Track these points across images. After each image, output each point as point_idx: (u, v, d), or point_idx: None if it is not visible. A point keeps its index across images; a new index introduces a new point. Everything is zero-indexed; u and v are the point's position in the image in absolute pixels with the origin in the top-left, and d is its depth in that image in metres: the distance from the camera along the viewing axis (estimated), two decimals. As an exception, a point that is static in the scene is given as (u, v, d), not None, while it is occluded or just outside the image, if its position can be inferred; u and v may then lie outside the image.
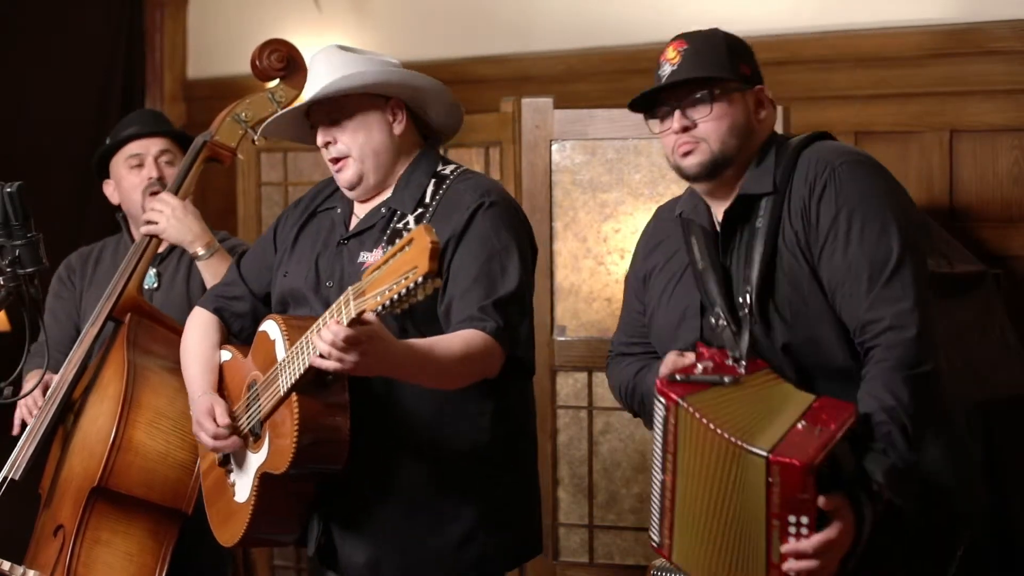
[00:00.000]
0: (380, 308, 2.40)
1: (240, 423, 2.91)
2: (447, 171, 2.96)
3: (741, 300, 2.60)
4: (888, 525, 2.50)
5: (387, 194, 2.97)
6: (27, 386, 3.38)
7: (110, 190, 3.73)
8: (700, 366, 2.58)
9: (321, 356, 2.56)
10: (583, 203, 4.07)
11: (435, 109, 3.00)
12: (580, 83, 4.63)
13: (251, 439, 2.88)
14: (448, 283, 2.81)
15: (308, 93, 2.99)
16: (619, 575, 4.08)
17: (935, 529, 2.62)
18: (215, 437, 2.90)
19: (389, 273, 2.38)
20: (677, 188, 3.98)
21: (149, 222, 3.48)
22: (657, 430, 2.57)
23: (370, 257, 2.88)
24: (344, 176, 2.95)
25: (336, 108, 2.93)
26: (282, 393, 2.73)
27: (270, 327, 2.87)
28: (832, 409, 2.49)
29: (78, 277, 3.73)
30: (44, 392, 3.45)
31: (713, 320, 2.65)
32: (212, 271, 3.42)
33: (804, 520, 2.41)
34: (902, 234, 2.55)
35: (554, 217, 4.09)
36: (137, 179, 3.63)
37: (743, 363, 2.57)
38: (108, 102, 5.50)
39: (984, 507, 2.80)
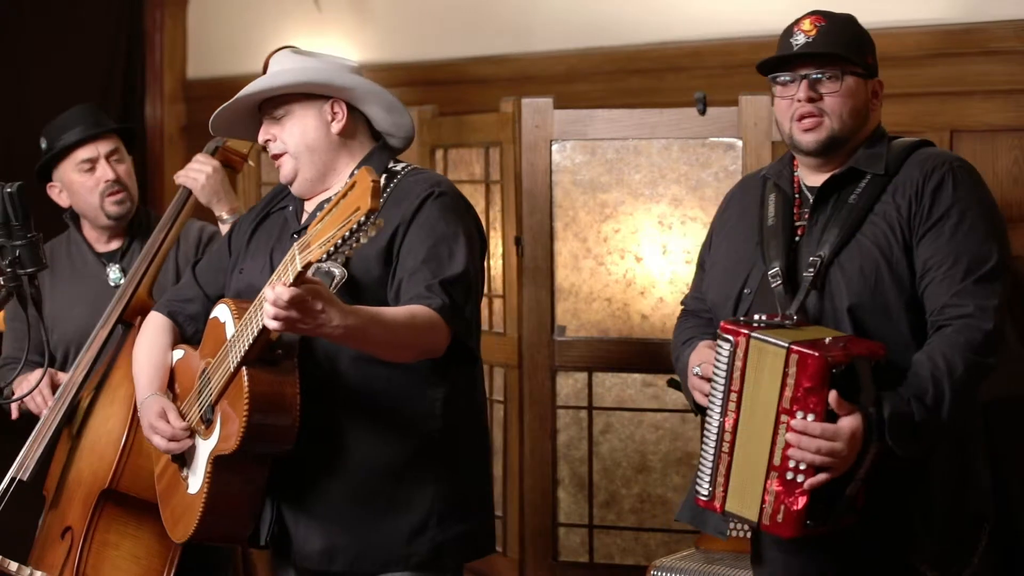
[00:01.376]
0: (326, 255, 2.45)
1: (191, 415, 2.93)
2: (398, 168, 3.03)
3: (812, 259, 2.69)
4: (894, 474, 2.57)
5: (336, 188, 3.00)
6: (27, 383, 3.38)
7: (56, 193, 3.70)
8: (757, 316, 2.66)
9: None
10: (583, 203, 4.07)
11: (372, 110, 3.04)
12: (580, 83, 4.63)
13: (202, 427, 2.89)
14: (397, 267, 2.86)
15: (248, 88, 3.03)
16: (619, 575, 4.08)
17: (960, 511, 2.69)
18: (172, 439, 2.93)
19: (333, 220, 2.44)
20: (677, 188, 3.99)
21: (188, 176, 3.54)
22: (717, 372, 2.64)
23: None
24: (281, 172, 3.02)
25: (278, 105, 2.98)
26: (232, 368, 2.75)
27: (220, 310, 2.91)
28: (864, 341, 2.59)
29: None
30: (50, 384, 3.44)
31: (770, 277, 2.74)
32: None
33: (811, 418, 2.50)
34: (1001, 250, 2.69)
35: (554, 217, 4.09)
36: (91, 181, 3.61)
37: (794, 319, 2.65)
38: (108, 102, 5.50)
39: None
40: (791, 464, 2.53)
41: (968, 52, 3.88)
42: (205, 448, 2.88)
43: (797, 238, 2.76)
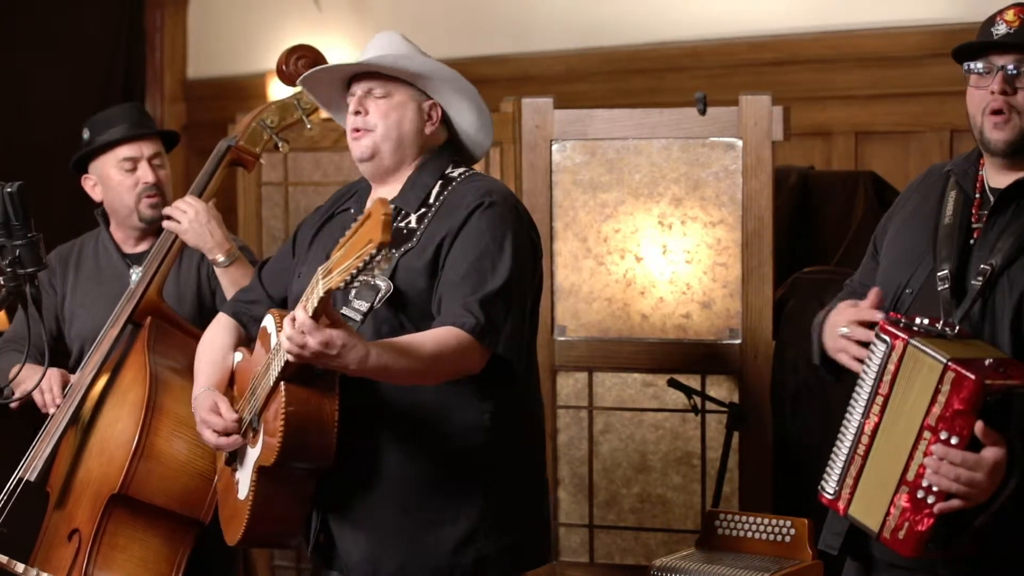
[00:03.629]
0: (343, 284, 2.45)
1: (243, 420, 2.92)
2: (455, 173, 2.98)
3: (984, 266, 2.57)
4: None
5: (395, 192, 2.98)
6: (30, 381, 3.37)
7: (90, 186, 3.68)
8: (919, 320, 2.55)
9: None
10: (583, 203, 4.07)
11: (466, 121, 3.02)
12: (580, 83, 4.64)
13: (251, 434, 2.88)
14: (440, 280, 2.83)
15: (364, 57, 2.98)
16: (619, 575, 4.07)
17: None
18: (224, 432, 2.89)
19: (350, 250, 2.44)
20: (677, 188, 3.98)
21: (170, 219, 3.47)
22: (867, 372, 2.54)
23: None
24: (360, 144, 2.95)
25: (380, 84, 2.95)
26: (271, 383, 2.74)
27: (267, 320, 2.88)
28: None
29: (59, 280, 3.68)
30: (60, 381, 3.43)
31: (938, 279, 2.62)
32: (231, 279, 3.41)
33: (954, 441, 2.40)
34: None
35: (554, 217, 4.09)
36: (130, 181, 3.58)
37: (956, 329, 2.53)
38: (109, 102, 5.48)
39: None
40: (924, 483, 2.43)
41: (968, 52, 3.87)
42: (251, 456, 2.87)
43: (972, 241, 2.64)
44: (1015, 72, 2.61)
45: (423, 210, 2.92)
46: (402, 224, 2.91)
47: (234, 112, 4.40)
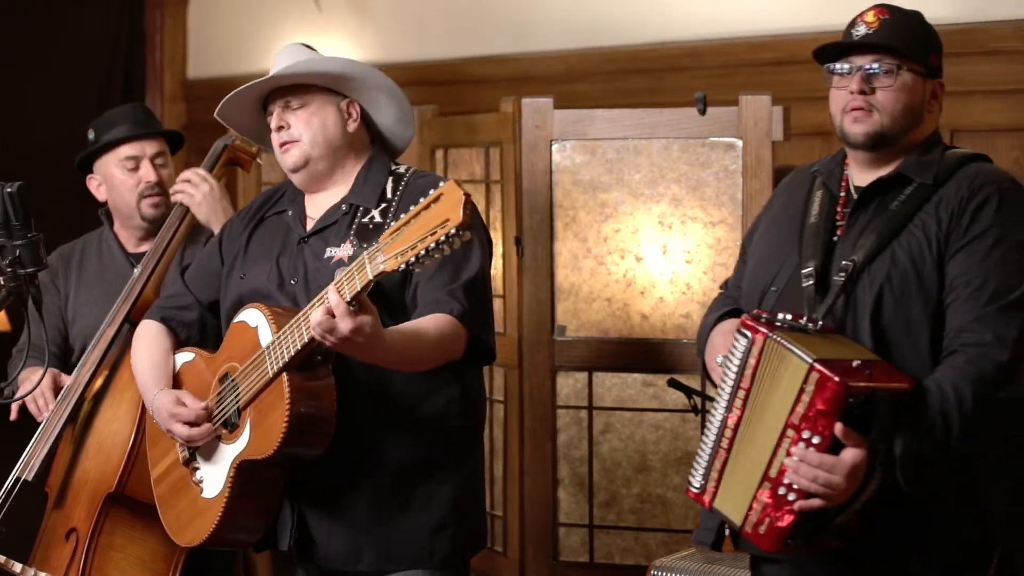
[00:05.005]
0: (404, 265, 2.46)
1: (214, 415, 2.93)
2: (402, 170, 3.06)
3: (846, 263, 2.63)
4: (893, 503, 2.51)
5: (342, 191, 3.02)
6: (29, 383, 3.37)
7: (95, 185, 3.70)
8: (781, 315, 2.59)
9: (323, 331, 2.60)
10: (583, 203, 4.07)
11: (384, 114, 3.07)
12: (580, 83, 4.63)
13: (225, 431, 2.88)
14: (415, 271, 2.87)
15: (272, 73, 3.03)
16: (619, 575, 4.08)
17: (962, 544, 2.62)
18: (195, 421, 2.90)
19: (415, 230, 2.44)
20: (677, 188, 3.98)
21: (182, 192, 3.51)
22: (729, 367, 2.60)
23: (338, 252, 2.94)
24: (289, 157, 3.01)
25: (295, 95, 3.00)
26: (271, 374, 2.76)
27: (251, 315, 2.89)
28: (892, 371, 2.52)
29: (62, 280, 3.69)
30: (52, 387, 3.44)
31: (803, 276, 2.68)
32: None
33: (816, 440, 2.44)
34: None
35: (554, 217, 4.09)
36: (132, 180, 3.61)
37: (819, 324, 2.58)
38: (109, 102, 5.49)
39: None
40: (786, 480, 2.48)
41: (968, 52, 3.88)
42: (228, 452, 2.87)
43: (836, 238, 2.71)
44: (874, 71, 2.67)
45: (383, 205, 2.98)
46: (365, 220, 2.95)
47: (234, 112, 4.41)
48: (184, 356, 3.08)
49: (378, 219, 2.95)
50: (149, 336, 3.14)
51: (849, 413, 2.43)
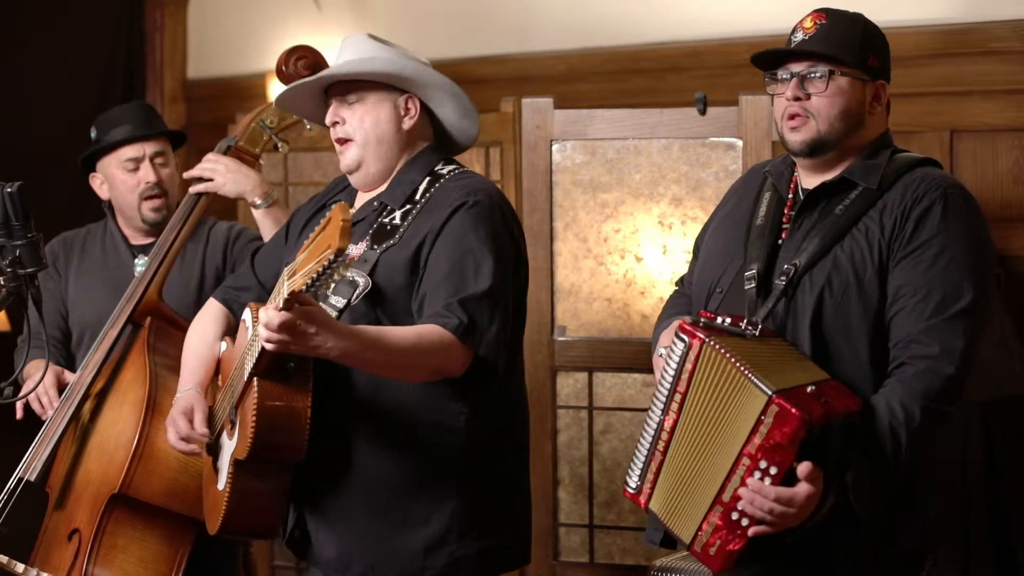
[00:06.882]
0: (304, 288, 2.45)
1: (224, 411, 2.92)
2: (444, 170, 2.97)
3: (787, 266, 2.62)
4: (841, 520, 2.50)
5: (384, 187, 2.97)
6: (31, 381, 3.37)
7: (98, 184, 3.71)
8: (720, 319, 2.59)
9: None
10: (583, 203, 4.07)
11: (447, 109, 2.99)
12: (580, 83, 4.63)
13: (228, 426, 2.89)
14: (422, 278, 2.82)
15: (335, 63, 3.00)
16: (619, 575, 4.08)
17: (893, 549, 2.62)
18: (186, 439, 2.92)
19: (312, 253, 2.44)
20: (677, 188, 3.99)
21: (202, 180, 3.50)
22: (667, 370, 2.58)
23: (353, 250, 2.89)
24: (345, 158, 2.97)
25: (352, 90, 2.94)
26: (245, 378, 2.75)
27: (246, 314, 2.89)
28: (842, 392, 2.51)
29: (62, 264, 3.71)
30: (56, 385, 3.44)
31: (745, 278, 2.67)
32: (272, 220, 3.44)
33: (773, 471, 2.43)
34: (980, 286, 2.56)
35: (554, 217, 4.09)
36: (133, 181, 3.62)
37: (759, 328, 2.57)
38: (109, 102, 5.49)
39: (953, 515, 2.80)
40: (740, 507, 2.47)
41: (968, 52, 3.88)
42: (228, 447, 2.88)
43: (780, 241, 2.69)
44: (808, 76, 2.66)
45: (408, 206, 2.92)
46: (386, 220, 2.91)
47: (234, 112, 4.41)
48: (223, 345, 3.07)
49: (397, 221, 2.89)
50: (205, 319, 3.12)
51: (805, 442, 2.41)
